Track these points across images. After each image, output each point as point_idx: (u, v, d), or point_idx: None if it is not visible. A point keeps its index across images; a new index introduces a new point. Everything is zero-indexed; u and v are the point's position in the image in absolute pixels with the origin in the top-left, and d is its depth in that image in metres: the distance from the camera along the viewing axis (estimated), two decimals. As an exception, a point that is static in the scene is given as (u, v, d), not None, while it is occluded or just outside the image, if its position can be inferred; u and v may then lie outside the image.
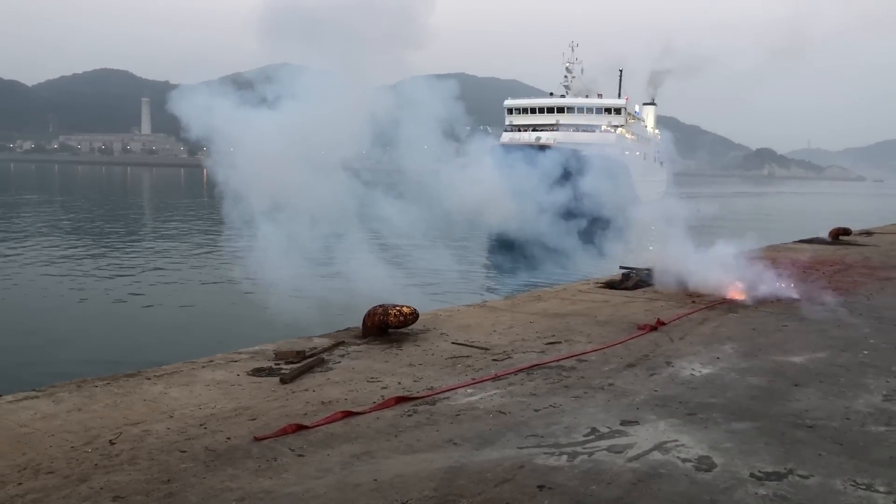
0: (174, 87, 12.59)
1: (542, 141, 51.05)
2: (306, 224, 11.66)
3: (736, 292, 10.38)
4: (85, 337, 16.06)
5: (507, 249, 21.88)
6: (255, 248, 11.72)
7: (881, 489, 4.20)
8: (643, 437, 5.00)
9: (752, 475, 4.37)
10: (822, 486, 4.23)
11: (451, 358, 7.13)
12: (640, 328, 8.44)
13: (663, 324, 8.66)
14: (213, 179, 11.85)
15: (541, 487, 4.16)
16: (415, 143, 14.50)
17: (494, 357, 7.19)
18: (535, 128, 59.87)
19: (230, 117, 11.40)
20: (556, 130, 59.73)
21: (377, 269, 12.40)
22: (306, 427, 5.04)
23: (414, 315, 8.00)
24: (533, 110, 65.20)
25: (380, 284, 11.37)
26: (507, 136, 56.66)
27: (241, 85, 12.41)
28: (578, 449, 4.76)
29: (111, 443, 4.75)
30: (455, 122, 15.28)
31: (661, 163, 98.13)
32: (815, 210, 72.55)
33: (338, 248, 12.68)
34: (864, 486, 4.23)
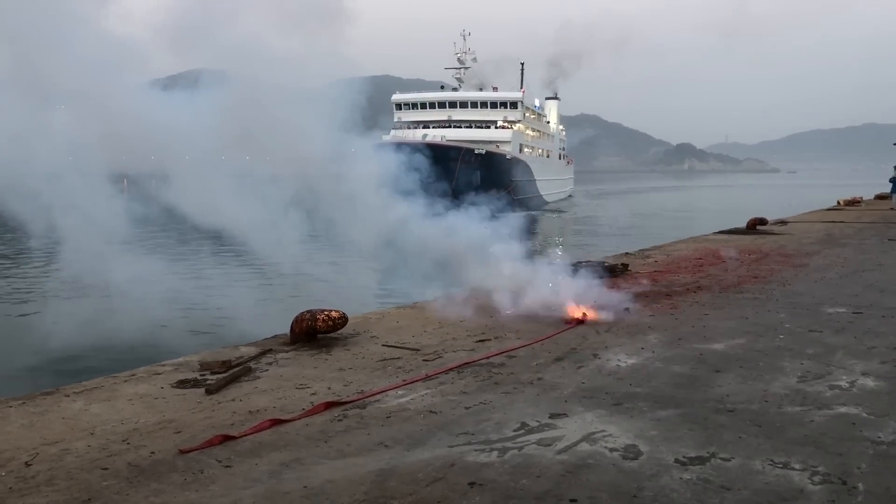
0: None
1: (429, 139, 47.24)
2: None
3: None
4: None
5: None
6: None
7: (797, 467, 4.37)
8: (571, 429, 5.07)
9: (676, 461, 4.48)
10: (743, 468, 4.37)
11: (382, 360, 7.10)
12: (567, 322, 8.56)
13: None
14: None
15: (472, 484, 4.17)
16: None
17: (425, 357, 7.18)
18: (425, 124, 55.63)
19: None
20: (449, 127, 55.96)
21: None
22: (233, 437, 4.94)
23: (343, 319, 7.92)
24: (423, 105, 60.71)
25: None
26: (392, 134, 50.70)
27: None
28: (508, 444, 4.80)
29: (27, 464, 4.55)
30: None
31: (569, 160, 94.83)
32: (734, 202, 74.63)
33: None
34: (780, 465, 4.40)
